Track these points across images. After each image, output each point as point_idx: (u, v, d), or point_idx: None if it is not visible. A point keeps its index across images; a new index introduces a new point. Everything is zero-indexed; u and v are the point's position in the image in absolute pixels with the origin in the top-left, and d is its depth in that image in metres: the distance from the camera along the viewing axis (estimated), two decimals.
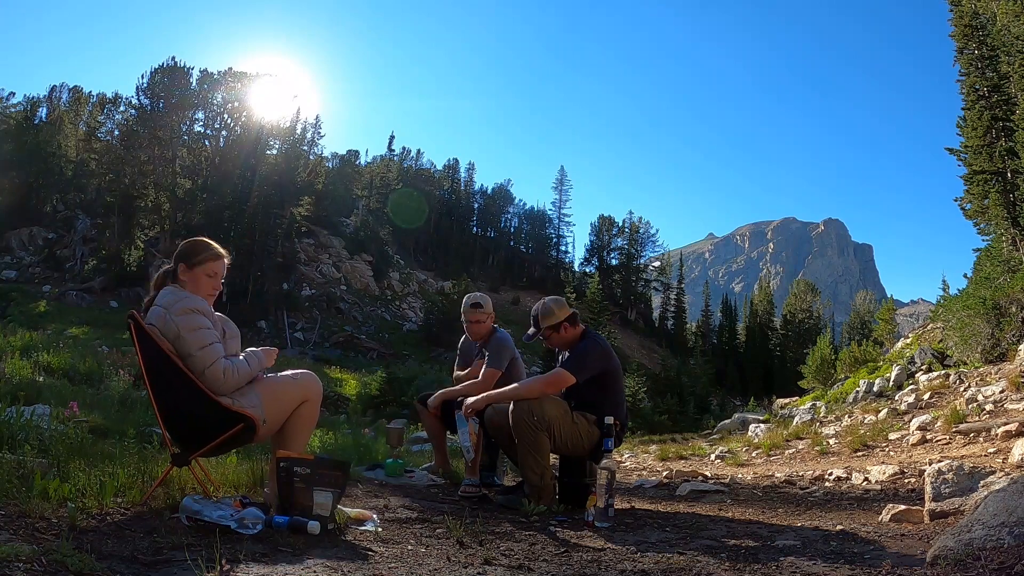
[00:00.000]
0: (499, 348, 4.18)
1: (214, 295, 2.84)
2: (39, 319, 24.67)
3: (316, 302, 39.23)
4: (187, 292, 2.74)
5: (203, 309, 2.70)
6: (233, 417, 2.61)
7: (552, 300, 3.79)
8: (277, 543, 2.28)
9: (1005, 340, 9.43)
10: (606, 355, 3.63)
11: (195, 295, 2.74)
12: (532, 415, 3.35)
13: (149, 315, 2.68)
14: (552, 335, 3.71)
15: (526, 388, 3.55)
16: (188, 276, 2.77)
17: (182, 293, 2.72)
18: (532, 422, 3.35)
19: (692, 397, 32.49)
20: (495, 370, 4.07)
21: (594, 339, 3.69)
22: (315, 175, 49.67)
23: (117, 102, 47.03)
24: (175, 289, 2.75)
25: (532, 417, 3.35)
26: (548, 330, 3.70)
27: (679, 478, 5.46)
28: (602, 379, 3.59)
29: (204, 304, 2.73)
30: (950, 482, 2.87)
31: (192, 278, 2.78)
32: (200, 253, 2.82)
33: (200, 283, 2.80)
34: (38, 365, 8.34)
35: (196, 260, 2.80)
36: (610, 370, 3.62)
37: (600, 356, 3.61)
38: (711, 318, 60.68)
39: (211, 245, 2.87)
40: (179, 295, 2.70)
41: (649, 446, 12.06)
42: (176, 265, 2.80)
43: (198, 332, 2.63)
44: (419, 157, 68.73)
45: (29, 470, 2.48)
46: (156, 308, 2.68)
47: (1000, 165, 16.64)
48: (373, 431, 10.72)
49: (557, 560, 2.34)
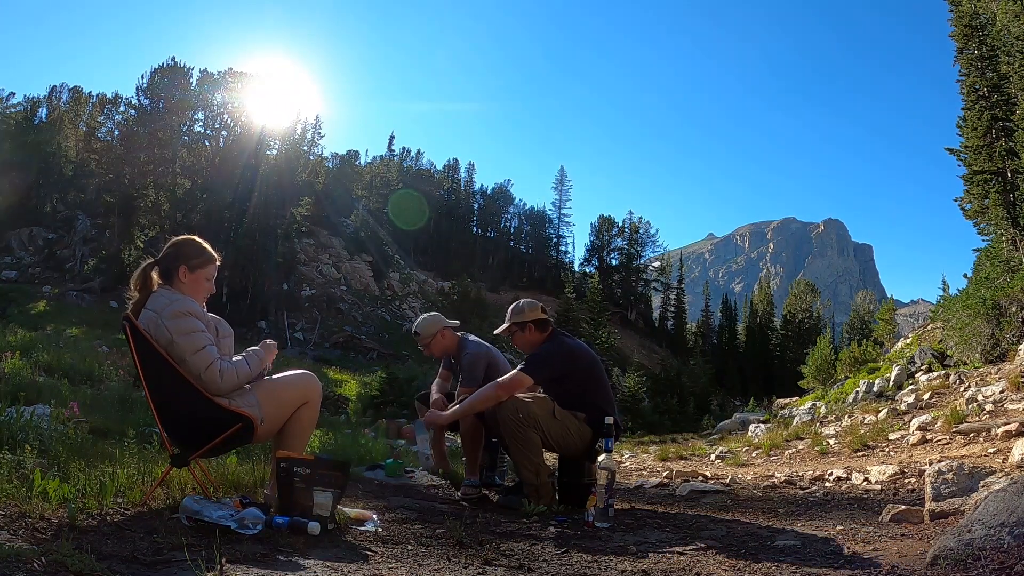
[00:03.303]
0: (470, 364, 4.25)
1: (207, 297, 2.83)
2: (39, 319, 24.63)
3: (316, 302, 39.21)
4: (179, 294, 2.69)
5: (195, 311, 2.67)
6: (231, 417, 2.60)
7: (527, 301, 3.84)
8: (277, 543, 2.28)
9: (1005, 340, 9.43)
10: (570, 356, 3.63)
11: (187, 296, 2.70)
12: (518, 412, 3.38)
13: (141, 318, 2.63)
14: (516, 332, 3.76)
15: (482, 398, 3.56)
16: (189, 278, 2.74)
17: (174, 295, 2.67)
18: (519, 419, 3.37)
19: (692, 397, 32.50)
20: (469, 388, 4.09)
21: (558, 341, 3.71)
22: (315, 175, 49.67)
23: (117, 102, 46.98)
24: (168, 291, 2.70)
25: (518, 415, 3.38)
26: (514, 326, 3.75)
27: (679, 478, 5.45)
28: (575, 379, 3.60)
29: (195, 305, 2.70)
30: (950, 482, 2.86)
31: (193, 280, 2.75)
32: (201, 255, 2.79)
33: (200, 286, 2.78)
34: (38, 365, 8.33)
35: (198, 262, 2.77)
36: (578, 371, 3.62)
37: (563, 357, 3.62)
38: (711, 318, 60.65)
39: (207, 247, 2.84)
40: (171, 298, 2.66)
41: (649, 446, 12.06)
42: (176, 266, 2.74)
43: (191, 336, 2.59)
44: (419, 157, 68.72)
45: (29, 470, 2.48)
46: (148, 312, 2.64)
47: (1000, 165, 16.63)
48: (373, 431, 10.72)
49: (557, 560, 2.34)
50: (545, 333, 3.77)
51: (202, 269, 2.77)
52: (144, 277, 2.74)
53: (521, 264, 64.37)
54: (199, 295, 2.77)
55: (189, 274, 2.74)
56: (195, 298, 2.74)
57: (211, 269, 2.81)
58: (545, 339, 3.75)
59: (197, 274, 2.76)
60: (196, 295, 2.75)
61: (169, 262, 2.75)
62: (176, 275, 2.73)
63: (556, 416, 3.47)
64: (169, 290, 2.71)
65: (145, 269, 2.76)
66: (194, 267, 2.75)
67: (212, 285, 2.83)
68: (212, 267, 2.81)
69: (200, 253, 2.79)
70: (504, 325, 3.83)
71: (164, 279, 2.75)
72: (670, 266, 63.45)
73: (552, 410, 3.47)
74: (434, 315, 4.55)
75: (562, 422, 3.47)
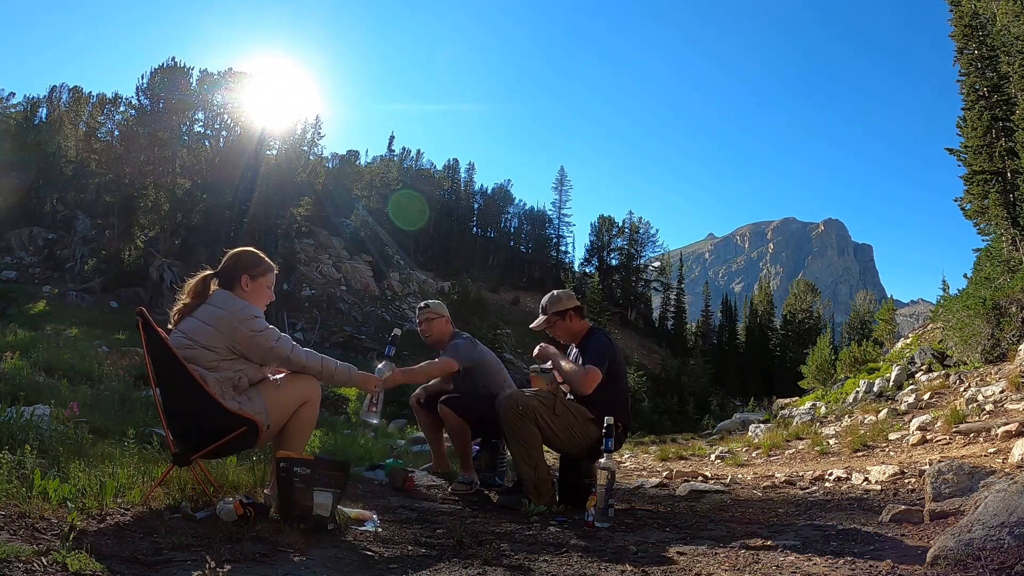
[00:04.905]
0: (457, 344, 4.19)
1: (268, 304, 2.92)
2: (39, 319, 24.60)
3: (316, 302, 39.22)
4: (244, 300, 2.77)
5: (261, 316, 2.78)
6: (237, 420, 2.62)
7: (562, 292, 3.90)
8: (277, 543, 2.28)
9: (1005, 340, 9.42)
10: (615, 351, 3.66)
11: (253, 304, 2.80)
12: (518, 405, 3.39)
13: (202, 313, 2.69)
14: (557, 322, 3.76)
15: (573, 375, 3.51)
16: (252, 287, 2.83)
17: (242, 300, 2.76)
18: (518, 412, 3.38)
19: (692, 397, 32.56)
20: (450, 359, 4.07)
21: (604, 333, 3.76)
22: (315, 175, 49.68)
23: (117, 102, 46.98)
24: (231, 296, 2.77)
25: (518, 408, 3.38)
26: (554, 316, 3.75)
27: (679, 478, 5.46)
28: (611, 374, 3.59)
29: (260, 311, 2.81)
30: (950, 482, 2.86)
31: (256, 288, 2.84)
32: (262, 264, 2.89)
33: (261, 294, 2.88)
34: (38, 365, 8.32)
35: (259, 271, 2.87)
36: (614, 367, 3.63)
37: (615, 349, 3.66)
38: (711, 318, 60.66)
39: (264, 257, 2.94)
40: (242, 302, 2.74)
41: (649, 446, 12.06)
42: (238, 275, 2.81)
43: (268, 331, 2.71)
44: (419, 157, 68.71)
45: (29, 470, 2.48)
46: (215, 310, 2.69)
47: (1000, 165, 16.64)
48: (374, 431, 10.71)
49: (557, 560, 2.34)
50: (584, 322, 3.80)
51: (263, 277, 2.88)
52: (203, 285, 2.82)
53: (521, 264, 64.39)
54: (261, 303, 2.87)
55: (251, 283, 2.84)
56: (258, 305, 2.84)
57: (271, 277, 2.92)
58: (589, 328, 3.78)
59: (259, 282, 2.86)
60: (260, 302, 2.86)
61: (231, 272, 2.84)
62: (239, 284, 2.82)
63: (557, 412, 3.46)
64: (230, 294, 2.79)
65: (205, 278, 2.84)
66: (255, 276, 2.85)
67: (272, 293, 2.93)
68: (271, 275, 2.92)
69: (259, 262, 2.90)
70: (541, 318, 3.81)
71: (226, 287, 2.83)
72: (670, 266, 63.44)
73: (554, 405, 3.47)
74: None
75: (563, 418, 3.46)
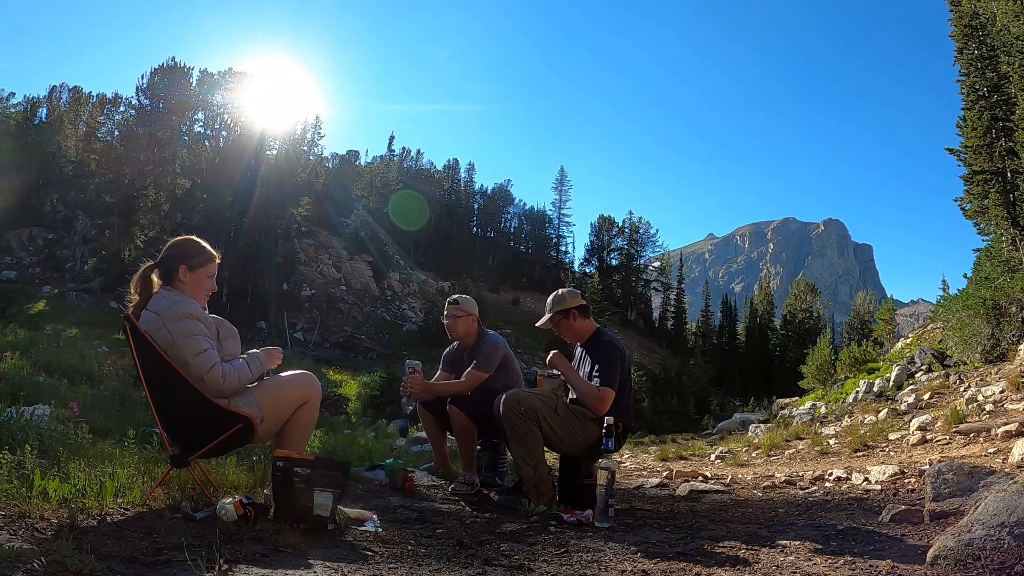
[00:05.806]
0: (491, 349, 4.09)
1: (209, 295, 2.82)
2: (39, 319, 24.63)
3: (316, 302, 39.24)
4: (181, 296, 2.69)
5: (196, 313, 2.66)
6: (230, 418, 2.60)
7: (566, 290, 3.85)
8: (277, 543, 2.28)
9: (1005, 340, 9.42)
10: (624, 357, 3.64)
11: (190, 298, 2.70)
12: (519, 405, 3.38)
13: (142, 320, 2.63)
14: (561, 321, 3.72)
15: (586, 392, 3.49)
16: (190, 278, 2.73)
17: (176, 297, 2.67)
18: (520, 412, 3.37)
19: (692, 397, 32.54)
20: (480, 373, 4.00)
21: (611, 337, 3.70)
22: (315, 175, 49.69)
23: (117, 102, 47.02)
24: (169, 293, 2.69)
25: (519, 407, 3.37)
26: (558, 315, 3.71)
27: (679, 478, 5.45)
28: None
29: (196, 307, 2.69)
30: (950, 482, 2.86)
31: (194, 279, 2.75)
32: (201, 254, 2.79)
33: (201, 285, 2.77)
34: (38, 365, 8.32)
35: (197, 261, 2.76)
36: (621, 374, 3.62)
37: (624, 354, 3.63)
38: (711, 318, 60.62)
39: (206, 245, 2.83)
40: (172, 299, 2.65)
41: (649, 446, 12.06)
42: (175, 266, 2.73)
43: (193, 339, 2.59)
44: (419, 157, 68.76)
45: (29, 470, 2.48)
46: (149, 314, 2.63)
47: (1000, 165, 16.64)
48: (374, 431, 10.72)
49: (557, 560, 2.34)
50: (590, 322, 3.76)
51: (202, 268, 2.76)
52: (144, 279, 2.74)
53: (521, 264, 64.38)
54: (200, 294, 2.77)
55: (189, 273, 2.73)
56: (197, 297, 2.74)
57: (211, 267, 2.80)
58: (595, 329, 3.74)
59: (197, 273, 2.75)
60: (197, 294, 2.75)
61: (168, 263, 2.74)
62: (176, 275, 2.72)
63: (559, 411, 3.45)
64: (170, 291, 2.70)
65: (145, 271, 2.76)
66: (194, 266, 2.75)
67: (213, 283, 2.82)
68: (212, 265, 2.81)
69: (199, 252, 2.79)
70: (546, 316, 3.77)
71: (164, 280, 2.74)
72: (670, 266, 63.44)
73: (555, 405, 3.47)
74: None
75: (564, 418, 3.46)
